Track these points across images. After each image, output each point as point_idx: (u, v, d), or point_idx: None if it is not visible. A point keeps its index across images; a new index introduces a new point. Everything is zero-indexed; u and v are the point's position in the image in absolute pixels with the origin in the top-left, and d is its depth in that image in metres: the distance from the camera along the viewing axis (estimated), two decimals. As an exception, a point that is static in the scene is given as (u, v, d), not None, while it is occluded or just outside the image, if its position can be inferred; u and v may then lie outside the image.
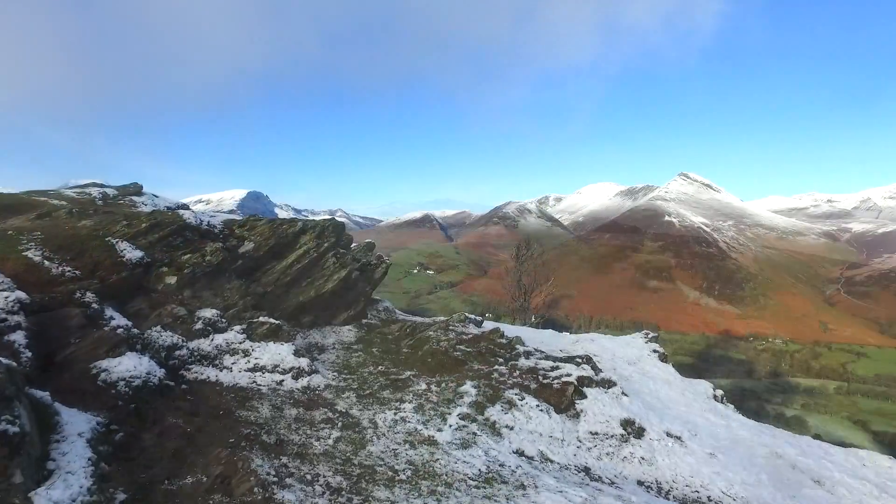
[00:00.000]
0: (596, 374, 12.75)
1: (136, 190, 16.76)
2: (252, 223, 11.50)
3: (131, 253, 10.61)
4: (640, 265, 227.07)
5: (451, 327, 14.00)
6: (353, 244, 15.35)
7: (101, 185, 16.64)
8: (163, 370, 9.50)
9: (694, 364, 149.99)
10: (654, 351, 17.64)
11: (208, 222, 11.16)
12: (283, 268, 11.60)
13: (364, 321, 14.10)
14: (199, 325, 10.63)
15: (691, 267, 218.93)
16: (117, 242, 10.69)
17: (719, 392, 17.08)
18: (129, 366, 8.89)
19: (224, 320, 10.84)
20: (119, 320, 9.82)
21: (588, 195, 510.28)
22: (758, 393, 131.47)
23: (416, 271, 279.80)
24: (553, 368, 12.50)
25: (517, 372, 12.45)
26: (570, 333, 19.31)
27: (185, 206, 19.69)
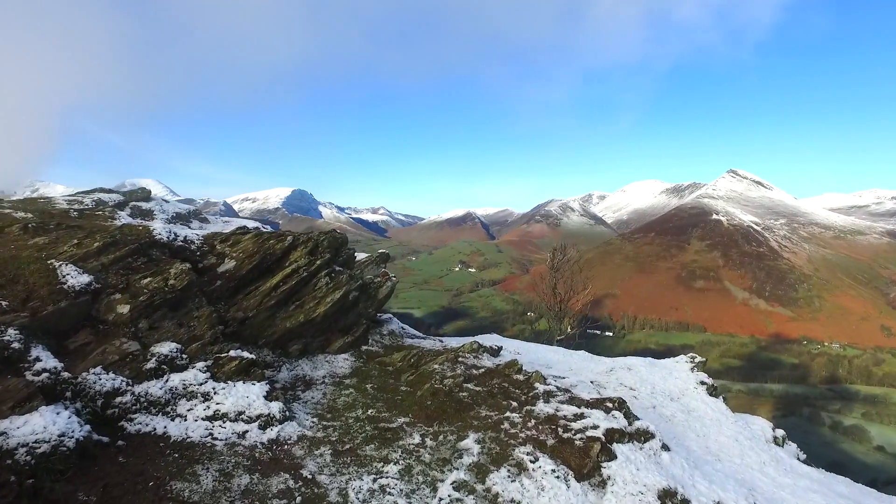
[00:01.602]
0: (629, 424, 10.54)
1: (144, 196, 15.03)
2: (236, 237, 9.74)
3: (76, 278, 9.00)
4: (686, 264, 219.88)
5: (460, 359, 11.97)
6: (364, 255, 13.42)
7: (109, 191, 15.00)
8: (87, 427, 7.82)
9: (743, 367, 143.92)
10: (702, 383, 15.21)
11: (185, 237, 9.47)
12: (267, 289, 9.79)
13: (364, 348, 12.21)
14: (151, 364, 8.97)
15: (740, 267, 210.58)
16: (61, 266, 9.17)
17: (779, 432, 14.57)
18: (36, 426, 7.25)
19: (185, 356, 9.15)
20: (47, 362, 8.25)
21: (633, 193, 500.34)
22: (812, 399, 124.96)
23: (457, 269, 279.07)
24: (577, 417, 10.36)
25: (532, 421, 10.35)
26: (606, 357, 17.01)
27: (197, 213, 17.93)
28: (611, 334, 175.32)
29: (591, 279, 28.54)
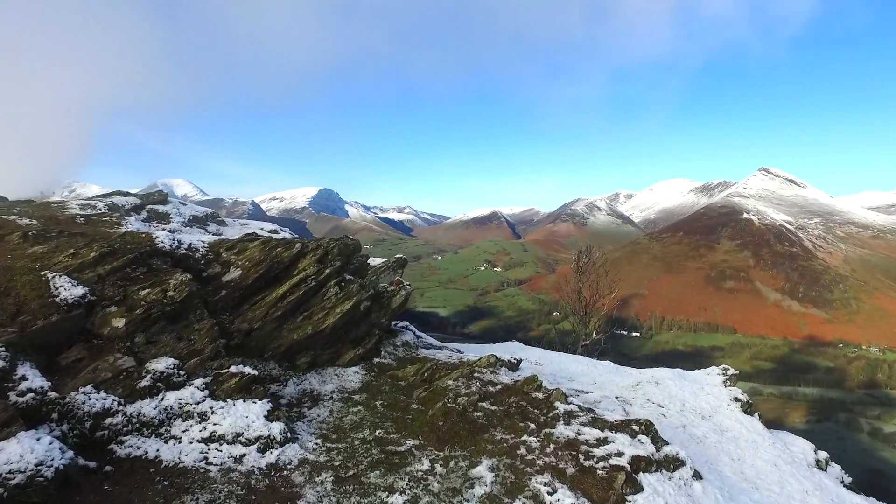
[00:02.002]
0: (657, 450, 9.72)
1: (161, 198, 14.59)
2: (243, 245, 9.18)
3: (69, 290, 8.54)
4: (716, 264, 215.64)
5: (476, 374, 11.24)
6: (381, 260, 12.77)
7: (127, 194, 14.60)
8: (70, 453, 7.30)
9: (775, 370, 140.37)
10: (736, 399, 14.21)
11: (189, 245, 8.92)
12: (274, 299, 9.20)
13: (376, 360, 11.55)
14: (146, 381, 8.47)
15: (772, 267, 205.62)
16: (54, 277, 8.74)
17: (822, 455, 13.53)
18: (11, 454, 6.74)
19: (182, 373, 8.63)
20: (33, 381, 7.81)
21: (660, 192, 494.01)
22: (848, 404, 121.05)
23: (483, 268, 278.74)
24: (600, 442, 9.57)
25: (551, 446, 9.60)
26: (632, 369, 16.11)
27: (214, 216, 17.45)
28: (638, 335, 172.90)
29: (617, 281, 27.58)
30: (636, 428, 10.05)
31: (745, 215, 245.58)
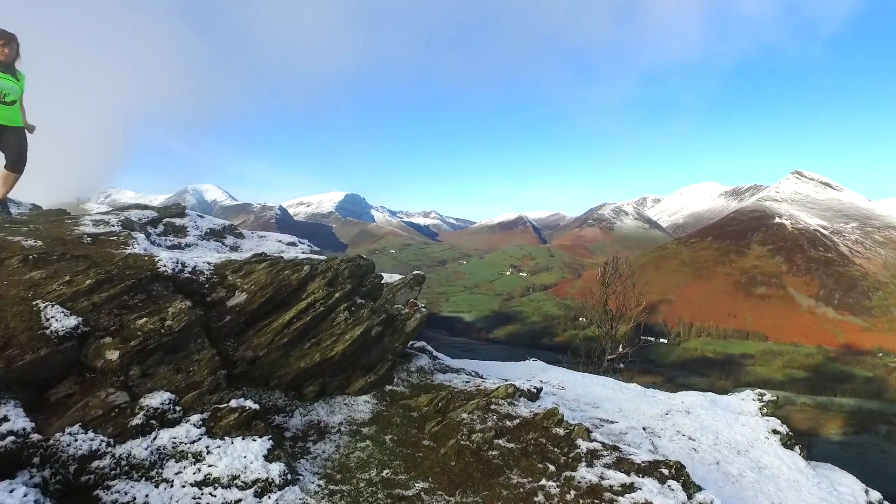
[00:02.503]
0: (689, 498, 8.85)
1: (178, 211, 14.15)
2: (250, 266, 8.63)
3: (61, 321, 8.05)
4: (747, 270, 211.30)
5: (493, 406, 10.48)
6: (398, 277, 12.12)
7: (144, 207, 14.15)
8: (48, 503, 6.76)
9: (809, 379, 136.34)
10: (774, 431, 13.21)
11: (193, 268, 8.37)
12: (280, 326, 8.64)
13: (388, 388, 10.89)
14: (138, 419, 7.90)
15: (805, 273, 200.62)
16: (46, 307, 8.30)
17: (875, 496, 12.45)
18: (-19, 509, 6.23)
19: (178, 408, 8.07)
20: (15, 422, 7.27)
21: (689, 196, 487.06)
22: (889, 416, 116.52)
23: (508, 273, 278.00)
24: (625, 489, 8.75)
25: (572, 493, 8.80)
26: (661, 393, 15.16)
27: (232, 228, 16.93)
28: (665, 341, 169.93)
29: (645, 292, 26.63)
30: (666, 472, 9.22)
31: (777, 219, 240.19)
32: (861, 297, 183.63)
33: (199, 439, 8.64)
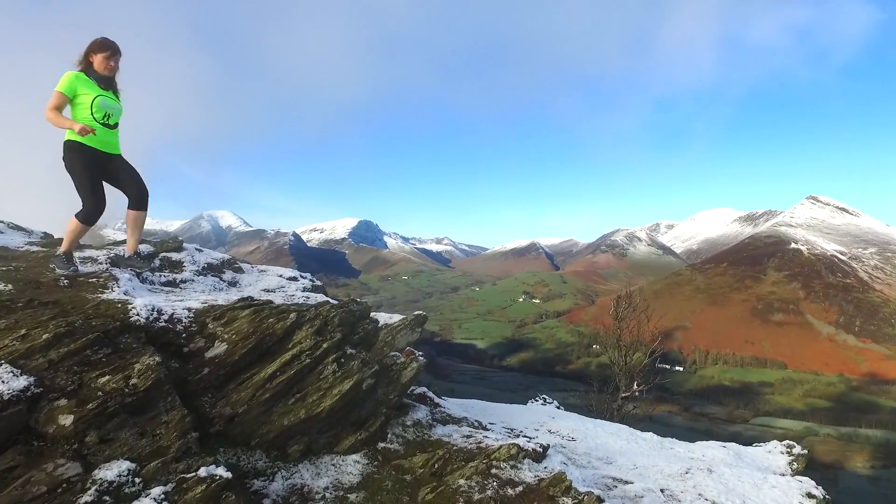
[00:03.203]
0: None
1: (176, 245, 13.61)
2: (232, 313, 8.01)
3: (8, 383, 7.19)
4: (763, 296, 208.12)
5: (493, 470, 9.69)
6: (398, 318, 11.47)
7: (140, 241, 13.65)
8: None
9: (832, 409, 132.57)
10: (809, 495, 12.25)
11: (170, 315, 7.70)
12: (262, 380, 7.95)
13: (381, 446, 10.01)
14: (89, 496, 6.85)
15: (824, 299, 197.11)
16: (-7, 368, 7.71)
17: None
18: None
19: (138, 480, 7.14)
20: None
21: (702, 222, 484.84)
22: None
23: (521, 300, 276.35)
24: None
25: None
26: (679, 444, 14.28)
27: (231, 263, 16.40)
28: (681, 369, 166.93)
29: (660, 327, 25.83)
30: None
31: (793, 245, 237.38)
32: (883, 325, 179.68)
33: (160, 518, 7.88)
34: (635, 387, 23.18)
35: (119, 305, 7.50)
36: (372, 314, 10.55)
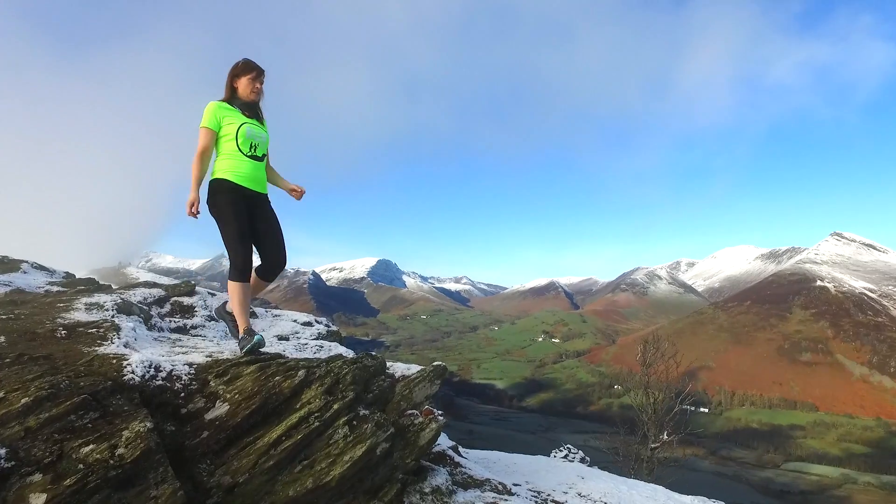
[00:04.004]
0: None
1: (188, 289, 13.26)
2: (236, 370, 7.33)
3: None
4: (789, 335, 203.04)
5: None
6: (416, 368, 10.71)
7: (154, 285, 13.39)
8: None
9: (871, 455, 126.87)
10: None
11: (169, 372, 6.85)
12: (265, 446, 7.12)
13: None
14: None
15: (854, 338, 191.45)
16: (-45, 439, 7.06)
17: None
18: None
19: None
20: None
21: (724, 259, 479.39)
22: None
23: (540, 339, 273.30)
24: None
25: None
26: None
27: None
28: (706, 410, 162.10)
29: (683, 369, 24.79)
30: None
31: (819, 282, 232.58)
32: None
33: None
34: (665, 437, 22.08)
35: (114, 361, 6.86)
36: (389, 364, 9.92)
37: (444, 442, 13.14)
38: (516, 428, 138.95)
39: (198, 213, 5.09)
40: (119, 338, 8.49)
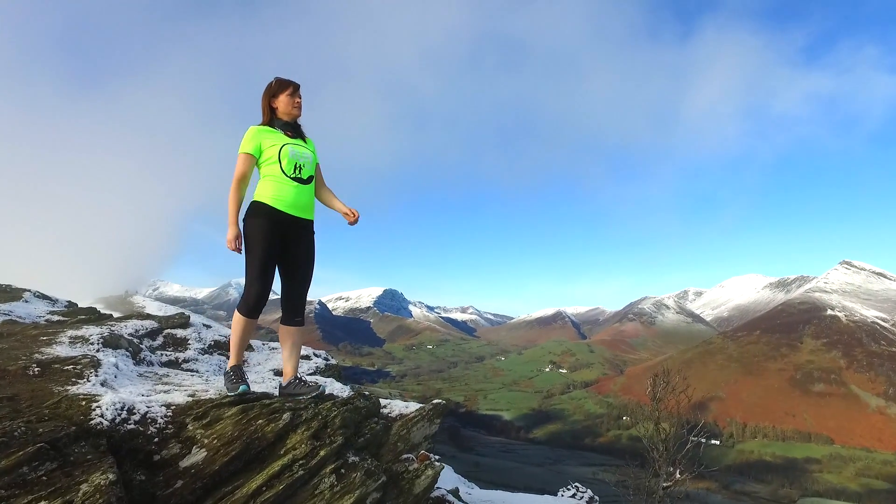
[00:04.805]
0: None
1: (182, 322, 12.90)
2: (217, 413, 6.66)
3: None
4: (801, 365, 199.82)
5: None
6: (414, 406, 10.09)
7: (147, 317, 13.13)
8: None
9: (893, 491, 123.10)
10: None
11: (143, 415, 6.06)
12: (244, 496, 6.49)
13: None
14: None
15: (868, 369, 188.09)
16: None
17: None
18: None
19: None
20: None
21: (732, 288, 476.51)
22: None
23: (548, 370, 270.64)
24: None
25: None
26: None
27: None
28: (717, 442, 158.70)
29: (693, 400, 24.00)
30: None
31: (830, 311, 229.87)
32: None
33: None
34: (678, 475, 21.27)
35: (83, 403, 6.31)
36: (386, 402, 9.38)
37: (444, 483, 12.47)
38: (523, 460, 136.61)
39: (240, 248, 4.66)
40: (97, 375, 7.94)
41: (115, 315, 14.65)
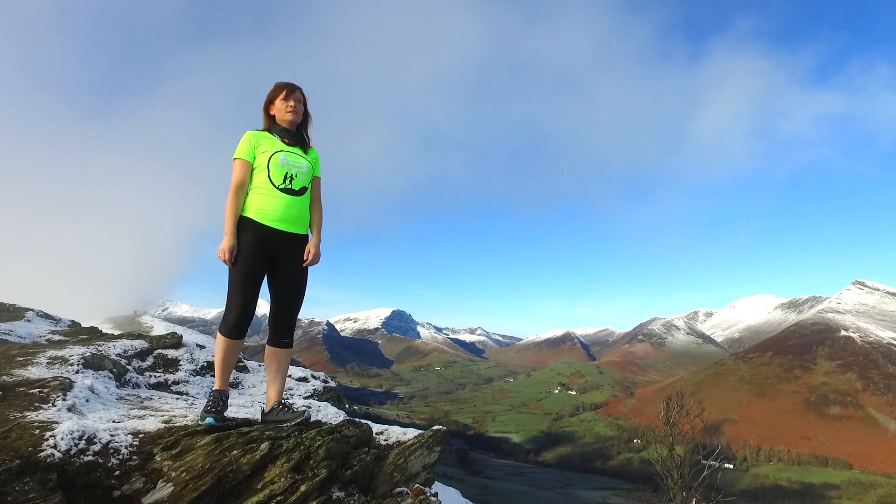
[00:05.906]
0: None
1: (174, 341, 12.25)
2: (188, 442, 5.89)
3: None
4: (815, 387, 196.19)
5: None
6: (412, 433, 9.38)
7: (137, 336, 12.50)
8: None
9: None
10: None
11: (105, 445, 5.21)
12: None
13: None
14: None
15: (886, 391, 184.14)
16: None
17: None
18: None
19: None
20: None
21: (743, 309, 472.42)
22: None
23: (557, 391, 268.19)
24: None
25: None
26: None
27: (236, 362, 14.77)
28: (731, 466, 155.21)
29: (704, 423, 23.17)
30: None
31: (843, 332, 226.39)
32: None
33: None
34: (694, 502, 20.37)
35: (36, 432, 5.62)
36: (384, 428, 8.61)
37: (446, 516, 11.63)
38: (533, 483, 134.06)
39: (232, 260, 4.28)
40: (64, 399, 7.28)
41: (115, 335, 14.17)
